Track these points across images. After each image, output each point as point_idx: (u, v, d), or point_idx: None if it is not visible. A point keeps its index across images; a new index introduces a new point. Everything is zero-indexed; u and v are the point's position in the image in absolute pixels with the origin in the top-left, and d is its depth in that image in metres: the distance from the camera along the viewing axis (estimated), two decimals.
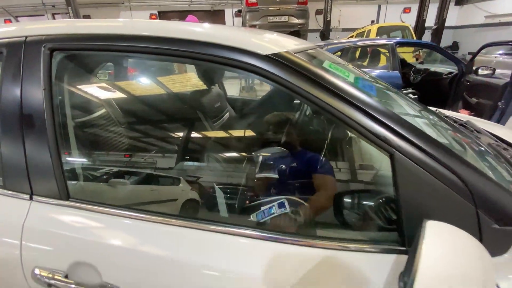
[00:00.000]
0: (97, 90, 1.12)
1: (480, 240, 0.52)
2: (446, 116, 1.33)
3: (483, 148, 0.89)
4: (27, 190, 0.70)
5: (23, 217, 0.68)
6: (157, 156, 1.17)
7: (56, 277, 0.64)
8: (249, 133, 1.46)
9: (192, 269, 0.62)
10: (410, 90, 3.98)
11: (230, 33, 0.69)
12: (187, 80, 1.75)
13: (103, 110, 1.14)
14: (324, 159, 1.01)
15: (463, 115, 1.45)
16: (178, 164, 1.13)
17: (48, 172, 0.69)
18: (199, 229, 0.64)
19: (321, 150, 1.06)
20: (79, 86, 0.94)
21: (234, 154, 1.29)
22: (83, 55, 0.79)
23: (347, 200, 0.76)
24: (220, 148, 1.33)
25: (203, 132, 1.38)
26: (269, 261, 0.59)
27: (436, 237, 0.44)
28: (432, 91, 3.98)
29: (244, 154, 1.25)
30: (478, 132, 1.13)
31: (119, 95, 1.30)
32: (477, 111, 3.23)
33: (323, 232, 0.79)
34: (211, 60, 0.63)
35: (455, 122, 1.23)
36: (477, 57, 5.78)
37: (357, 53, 4.47)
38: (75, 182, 0.81)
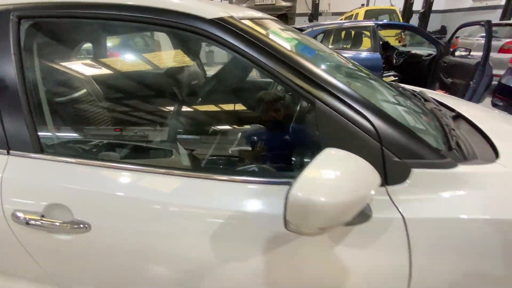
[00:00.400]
0: (66, 54, 1.17)
1: (384, 170, 0.64)
2: (404, 88, 1.44)
3: (419, 108, 1.01)
4: (4, 147, 0.79)
5: (1, 169, 0.77)
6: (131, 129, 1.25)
7: (33, 217, 0.74)
8: (225, 107, 1.55)
9: (158, 208, 0.72)
10: (391, 73, 4.09)
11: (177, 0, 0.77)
12: (159, 57, 1.80)
13: (73, 74, 1.19)
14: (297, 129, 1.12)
15: (417, 88, 1.56)
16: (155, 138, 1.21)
17: (21, 128, 0.77)
18: (165, 174, 0.74)
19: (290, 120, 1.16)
20: (48, 49, 1.00)
21: (207, 128, 1.38)
22: (49, 22, 0.86)
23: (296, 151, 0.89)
24: (192, 123, 1.41)
25: (178, 107, 1.45)
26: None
27: (326, 156, 0.55)
28: (413, 73, 4.09)
29: (218, 127, 1.34)
30: (425, 100, 1.25)
31: (89, 61, 1.35)
32: (452, 90, 3.37)
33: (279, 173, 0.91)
34: (159, 24, 0.71)
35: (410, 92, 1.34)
36: (461, 40, 5.88)
37: (342, 35, 4.51)
38: (48, 135, 0.88)
